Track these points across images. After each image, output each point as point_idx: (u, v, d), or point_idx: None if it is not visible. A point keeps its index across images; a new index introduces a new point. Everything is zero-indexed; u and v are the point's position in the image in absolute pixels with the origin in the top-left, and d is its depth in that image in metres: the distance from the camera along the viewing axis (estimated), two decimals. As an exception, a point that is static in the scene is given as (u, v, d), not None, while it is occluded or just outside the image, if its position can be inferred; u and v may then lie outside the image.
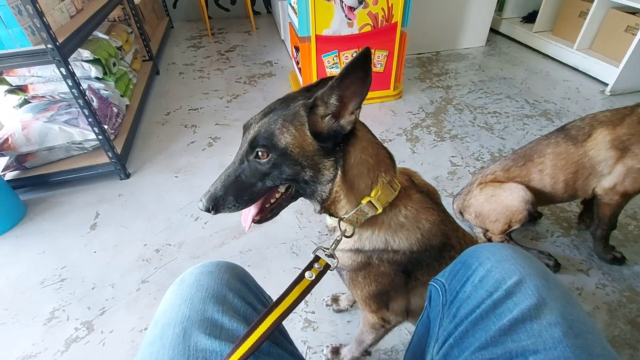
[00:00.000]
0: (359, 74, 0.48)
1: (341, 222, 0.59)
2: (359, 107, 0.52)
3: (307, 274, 0.54)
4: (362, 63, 0.46)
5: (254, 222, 0.61)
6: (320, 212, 0.61)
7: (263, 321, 0.45)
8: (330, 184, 0.56)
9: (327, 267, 0.56)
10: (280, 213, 0.64)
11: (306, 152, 0.53)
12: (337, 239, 0.59)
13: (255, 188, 0.57)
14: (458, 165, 1.72)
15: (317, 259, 0.56)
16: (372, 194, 0.57)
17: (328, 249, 0.58)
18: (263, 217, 0.61)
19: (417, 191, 0.63)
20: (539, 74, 2.54)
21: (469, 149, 1.83)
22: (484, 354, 0.39)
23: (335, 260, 0.57)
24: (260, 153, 0.54)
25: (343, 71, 0.47)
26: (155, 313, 0.48)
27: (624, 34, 2.21)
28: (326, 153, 0.54)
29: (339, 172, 0.56)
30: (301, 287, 0.52)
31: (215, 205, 0.56)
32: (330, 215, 0.62)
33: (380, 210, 0.57)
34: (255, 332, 0.43)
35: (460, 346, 0.42)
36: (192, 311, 0.45)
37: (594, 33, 2.42)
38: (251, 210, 0.61)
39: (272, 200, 0.61)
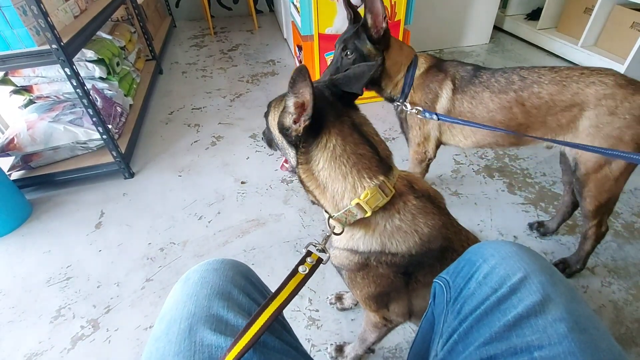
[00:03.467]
0: (306, 88, 0.50)
1: (330, 219, 0.61)
2: (308, 121, 0.54)
3: (300, 268, 0.55)
4: (301, 79, 0.49)
5: (285, 169, 0.74)
6: (311, 202, 0.65)
7: (260, 315, 0.46)
8: (295, 171, 0.62)
9: (319, 261, 0.58)
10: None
11: (277, 136, 0.63)
12: (327, 234, 0.62)
13: (272, 141, 0.69)
14: (462, 164, 1.71)
15: (309, 253, 0.58)
16: (362, 197, 0.57)
17: (320, 244, 0.61)
18: (286, 168, 0.74)
19: (415, 196, 0.62)
20: (543, 71, 2.52)
21: (473, 146, 1.82)
22: (488, 349, 0.39)
23: (327, 255, 0.60)
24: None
25: (290, 83, 0.50)
26: (161, 310, 0.49)
27: (630, 30, 2.19)
28: (290, 143, 0.60)
29: (300, 168, 0.60)
30: (295, 281, 0.53)
31: (263, 137, 0.76)
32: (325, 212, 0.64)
33: (369, 214, 0.57)
34: (253, 325, 0.44)
35: (464, 342, 0.42)
36: (197, 307, 0.45)
37: (599, 30, 2.40)
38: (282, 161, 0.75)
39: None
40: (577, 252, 1.16)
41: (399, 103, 1.12)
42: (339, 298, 1.15)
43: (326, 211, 0.62)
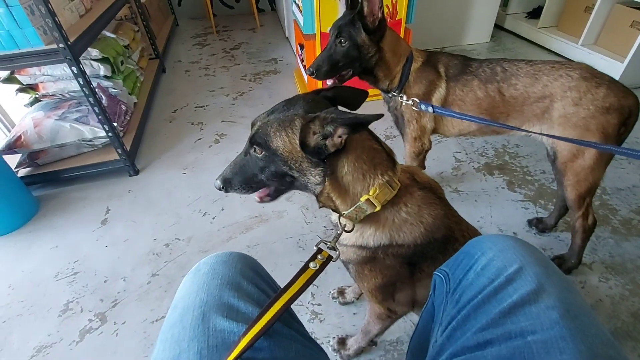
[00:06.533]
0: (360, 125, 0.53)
1: (341, 217, 0.62)
2: (348, 135, 0.55)
3: (311, 265, 0.57)
4: (365, 125, 0.53)
5: (260, 201, 0.70)
6: (320, 207, 0.65)
7: (273, 305, 0.48)
8: (320, 186, 0.60)
9: (329, 258, 0.59)
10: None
11: (294, 157, 0.58)
12: (338, 233, 0.62)
13: (256, 177, 0.64)
14: (462, 161, 1.73)
15: (319, 251, 0.60)
16: (371, 193, 0.59)
17: (330, 242, 0.61)
18: (265, 198, 0.69)
19: (419, 188, 0.65)
20: (543, 69, 2.53)
21: (474, 145, 1.84)
22: (484, 334, 0.41)
23: (337, 252, 0.60)
24: (257, 149, 0.60)
25: (349, 121, 0.52)
26: (174, 299, 0.51)
27: (630, 29, 2.20)
28: (314, 162, 0.58)
29: (327, 180, 0.59)
30: (306, 276, 0.55)
31: (225, 186, 0.65)
32: (333, 210, 0.65)
33: (378, 208, 0.59)
34: (266, 314, 0.46)
35: (462, 328, 0.44)
36: (209, 296, 0.48)
37: (599, 28, 2.41)
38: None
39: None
40: (571, 247, 1.19)
41: (394, 93, 1.13)
42: (341, 292, 1.17)
43: (336, 211, 0.63)
